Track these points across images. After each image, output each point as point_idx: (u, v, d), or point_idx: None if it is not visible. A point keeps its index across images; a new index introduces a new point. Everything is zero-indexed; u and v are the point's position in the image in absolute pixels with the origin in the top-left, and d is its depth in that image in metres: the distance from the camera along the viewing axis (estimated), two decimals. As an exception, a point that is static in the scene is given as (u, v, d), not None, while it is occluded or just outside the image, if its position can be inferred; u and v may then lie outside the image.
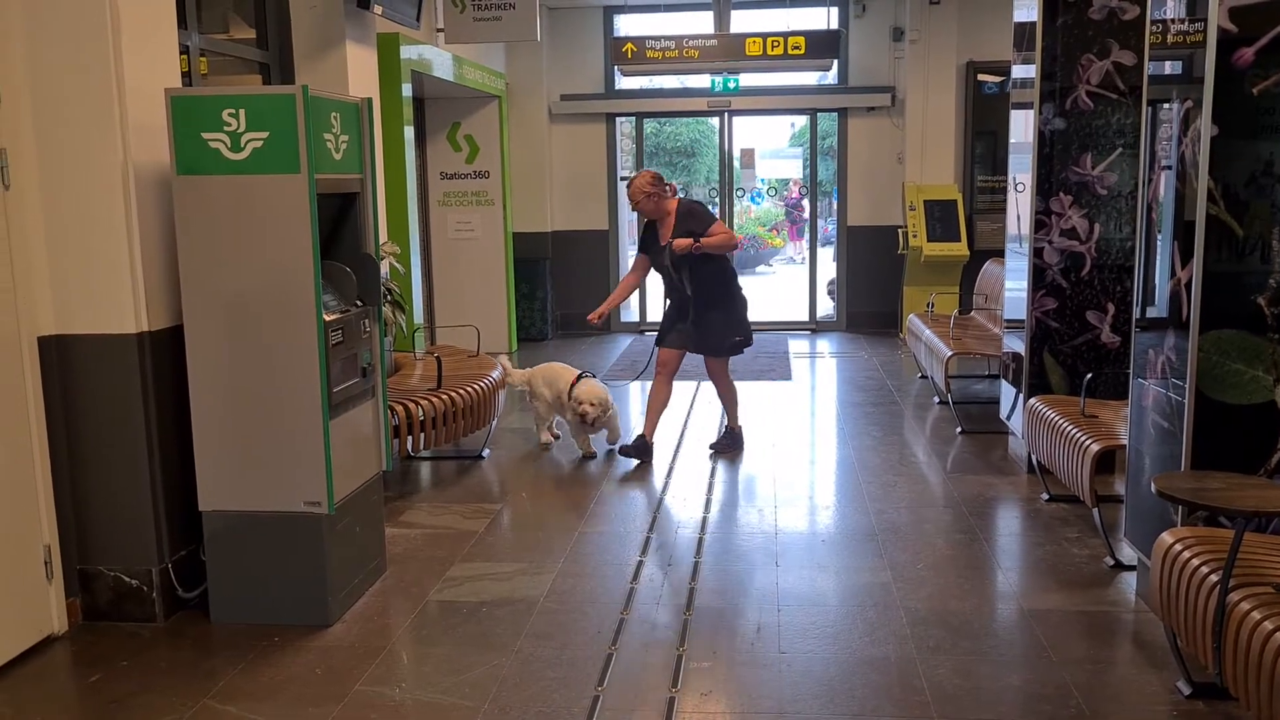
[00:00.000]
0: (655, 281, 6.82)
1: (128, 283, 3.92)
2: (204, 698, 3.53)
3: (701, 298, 6.25)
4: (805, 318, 12.16)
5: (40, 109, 3.85)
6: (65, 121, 3.85)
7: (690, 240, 6.06)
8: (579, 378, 6.55)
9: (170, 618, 4.15)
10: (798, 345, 10.92)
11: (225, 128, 3.78)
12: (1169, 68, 4.22)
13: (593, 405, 6.36)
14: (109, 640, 3.99)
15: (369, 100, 4.34)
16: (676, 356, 6.46)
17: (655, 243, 6.35)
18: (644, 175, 6.29)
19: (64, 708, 3.56)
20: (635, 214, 12.57)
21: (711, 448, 6.59)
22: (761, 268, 20.67)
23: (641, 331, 11.95)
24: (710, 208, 6.91)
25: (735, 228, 12.69)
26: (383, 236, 4.67)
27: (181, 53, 4.45)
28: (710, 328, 6.30)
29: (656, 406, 6.45)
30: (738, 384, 6.79)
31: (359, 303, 4.30)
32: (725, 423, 6.72)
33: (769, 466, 6.32)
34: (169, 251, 4.05)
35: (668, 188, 6.29)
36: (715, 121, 12.22)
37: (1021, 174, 6.13)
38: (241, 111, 3.77)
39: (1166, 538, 3.40)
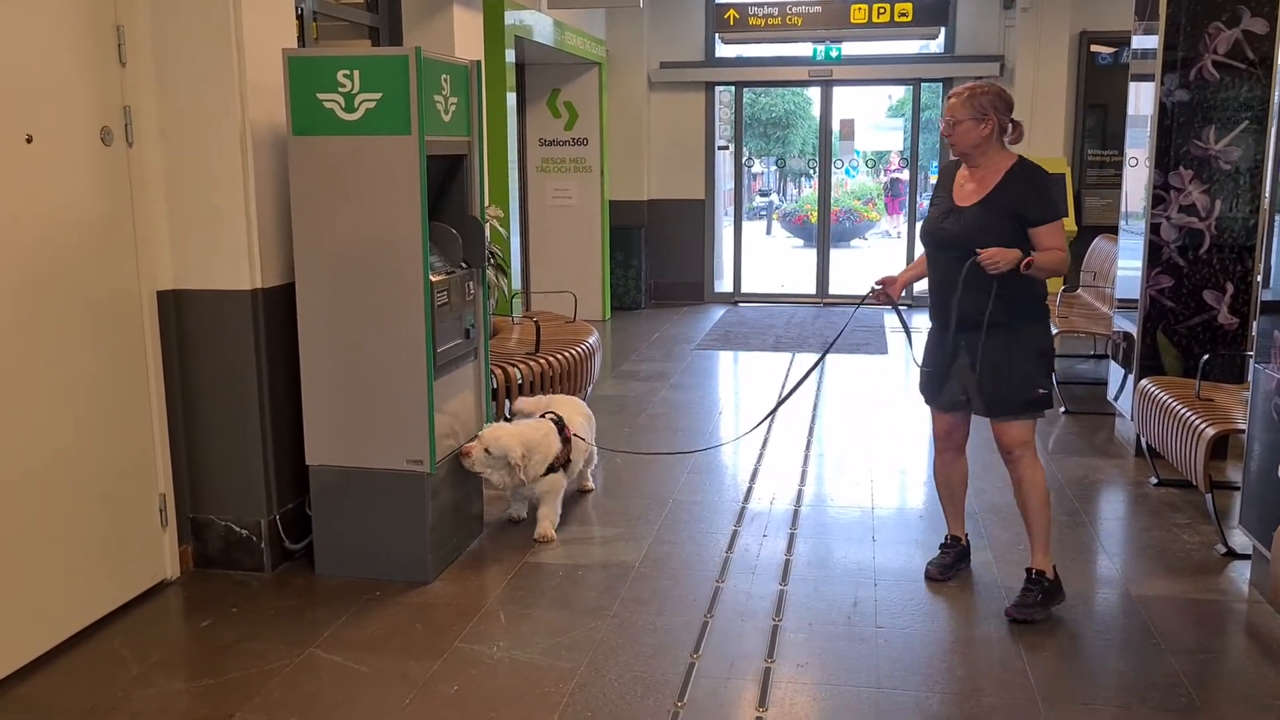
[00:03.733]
0: (753, 240, 6.40)
1: (244, 240, 4.01)
2: (310, 646, 3.62)
3: (990, 310, 3.76)
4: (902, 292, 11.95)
5: (163, 68, 3.94)
6: (186, 80, 3.94)
7: (1016, 254, 3.66)
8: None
9: (277, 568, 4.26)
10: (893, 319, 10.73)
11: (340, 88, 3.83)
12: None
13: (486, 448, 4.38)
14: (219, 587, 4.12)
15: (478, 63, 4.36)
16: (963, 420, 4.12)
17: (945, 199, 3.96)
18: (990, 87, 3.81)
19: (177, 649, 3.69)
20: (731, 183, 12.67)
21: (1010, 614, 3.82)
22: (856, 241, 20.41)
23: (735, 303, 11.89)
24: (806, 179, 5.93)
25: (831, 200, 12.51)
26: (486, 200, 4.70)
27: (295, 16, 4.52)
28: (1003, 365, 3.82)
29: (956, 494, 4.25)
30: (835, 358, 6.36)
31: (464, 265, 4.33)
32: (1031, 564, 3.93)
33: (865, 441, 6.24)
34: (283, 210, 4.13)
35: (1012, 126, 3.82)
36: (812, 92, 12.05)
37: (1137, 149, 5.92)
38: (356, 72, 3.81)
39: (1290, 527, 3.27)
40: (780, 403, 4.97)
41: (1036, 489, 3.89)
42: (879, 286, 4.24)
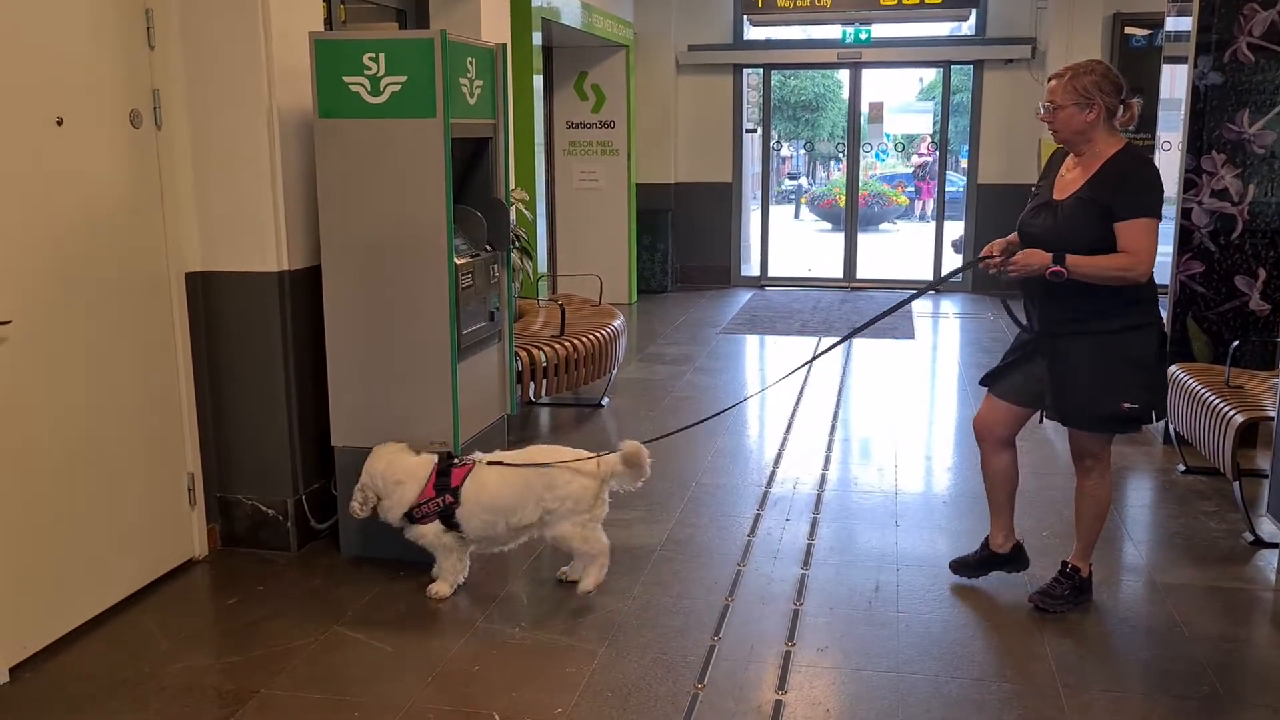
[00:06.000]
0: (781, 224, 6.26)
1: (270, 222, 4.04)
2: (334, 625, 3.67)
3: (1065, 315, 3.51)
4: (930, 277, 11.88)
5: (191, 51, 3.97)
6: (214, 64, 3.96)
7: (1043, 258, 3.38)
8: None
9: (303, 548, 4.31)
10: (921, 304, 10.69)
11: (365, 71, 3.84)
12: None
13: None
14: (245, 566, 4.17)
15: (503, 46, 4.37)
16: (1011, 415, 3.79)
17: (1046, 191, 3.62)
18: (1095, 67, 3.47)
19: (204, 627, 3.74)
20: (761, 165, 12.61)
21: (1034, 600, 3.80)
22: (885, 225, 20.29)
23: (762, 286, 11.86)
24: (835, 162, 5.27)
25: (860, 184, 12.43)
26: (511, 183, 4.70)
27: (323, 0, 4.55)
28: (1071, 374, 3.54)
29: (997, 493, 3.93)
30: (861, 343, 6.31)
31: (489, 247, 4.35)
32: (1070, 558, 3.86)
33: (889, 426, 6.22)
34: (309, 193, 4.15)
35: (1123, 107, 3.46)
36: (842, 75, 11.95)
37: (1169, 133, 5.86)
38: (381, 55, 3.82)
39: (1317, 515, 3.24)
40: (830, 348, 4.49)
41: (1097, 504, 3.74)
42: (994, 258, 3.62)
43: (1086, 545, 3.81)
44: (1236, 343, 5.14)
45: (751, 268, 12.18)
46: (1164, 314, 5.67)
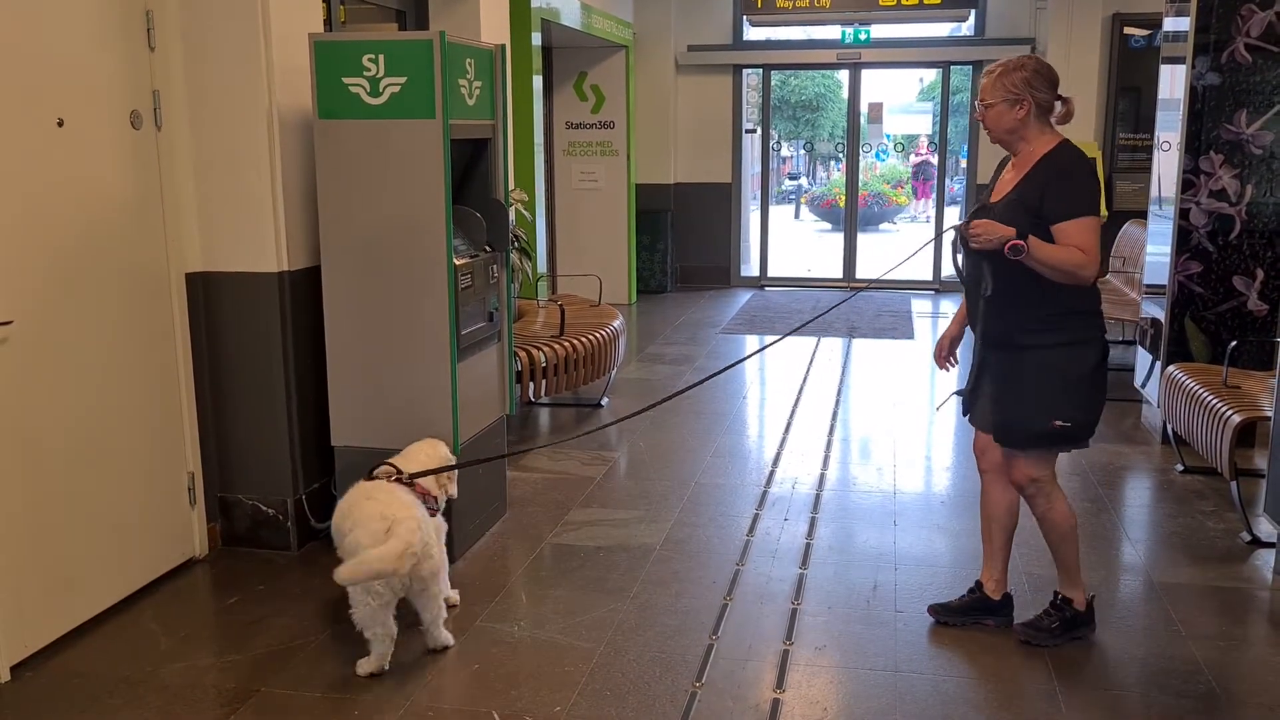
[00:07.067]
0: (781, 224, 6.20)
1: (270, 223, 4.05)
2: (334, 624, 3.67)
3: (1001, 321, 3.37)
4: (929, 277, 11.89)
5: (191, 53, 3.98)
6: (214, 65, 3.98)
7: (1007, 232, 3.16)
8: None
9: (303, 547, 4.32)
10: (920, 305, 10.71)
11: (365, 73, 3.85)
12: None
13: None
14: (246, 565, 4.19)
15: (502, 47, 4.38)
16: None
17: (987, 195, 3.49)
18: (1026, 63, 3.29)
19: (205, 625, 3.75)
20: (761, 165, 12.63)
21: (1018, 631, 3.58)
22: (885, 225, 20.30)
23: (762, 286, 11.86)
24: (835, 162, 5.15)
25: (860, 184, 12.43)
26: (511, 184, 4.72)
27: (322, 0, 4.55)
28: (1014, 387, 3.39)
29: (993, 534, 3.65)
30: (861, 343, 6.31)
31: (488, 248, 4.36)
32: (1059, 588, 3.60)
33: (889, 426, 6.23)
34: (309, 193, 4.16)
35: (1060, 104, 3.32)
36: (842, 75, 11.96)
37: (1168, 133, 5.87)
38: (381, 57, 3.83)
39: (1313, 515, 3.25)
40: (806, 323, 4.60)
41: (1055, 527, 3.49)
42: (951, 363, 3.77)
43: (1068, 571, 3.55)
44: (1234, 343, 5.14)
45: (751, 268, 12.19)
46: (1162, 314, 5.68)
